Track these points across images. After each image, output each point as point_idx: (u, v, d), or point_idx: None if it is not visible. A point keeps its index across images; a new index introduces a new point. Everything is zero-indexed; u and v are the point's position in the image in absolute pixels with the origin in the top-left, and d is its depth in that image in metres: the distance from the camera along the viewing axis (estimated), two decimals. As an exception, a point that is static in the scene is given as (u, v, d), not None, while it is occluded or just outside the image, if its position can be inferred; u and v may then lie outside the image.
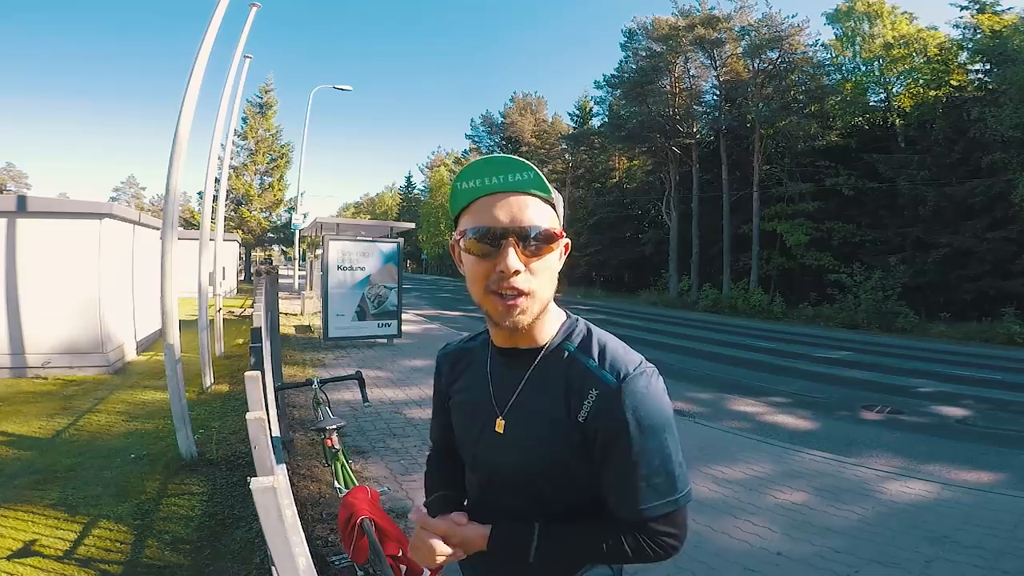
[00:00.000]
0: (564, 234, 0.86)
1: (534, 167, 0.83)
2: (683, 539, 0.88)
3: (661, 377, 0.88)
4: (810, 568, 2.83)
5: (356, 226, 11.85)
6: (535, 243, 0.82)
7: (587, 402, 0.84)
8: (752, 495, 3.77)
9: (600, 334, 0.92)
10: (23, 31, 79.05)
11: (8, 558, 2.67)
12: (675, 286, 26.58)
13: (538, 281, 0.84)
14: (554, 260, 0.86)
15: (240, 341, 9.42)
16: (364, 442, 4.63)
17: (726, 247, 24.46)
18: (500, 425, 0.92)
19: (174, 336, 4.26)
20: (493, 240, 0.82)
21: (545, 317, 0.89)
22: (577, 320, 0.95)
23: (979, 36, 18.70)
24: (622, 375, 0.84)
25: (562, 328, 0.93)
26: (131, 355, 7.95)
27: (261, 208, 31.16)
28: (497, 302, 0.83)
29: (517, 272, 0.81)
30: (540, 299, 0.85)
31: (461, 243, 0.86)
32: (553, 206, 0.86)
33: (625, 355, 0.88)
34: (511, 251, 0.81)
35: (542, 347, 0.91)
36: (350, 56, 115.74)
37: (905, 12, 21.12)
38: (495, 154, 0.83)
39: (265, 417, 1.26)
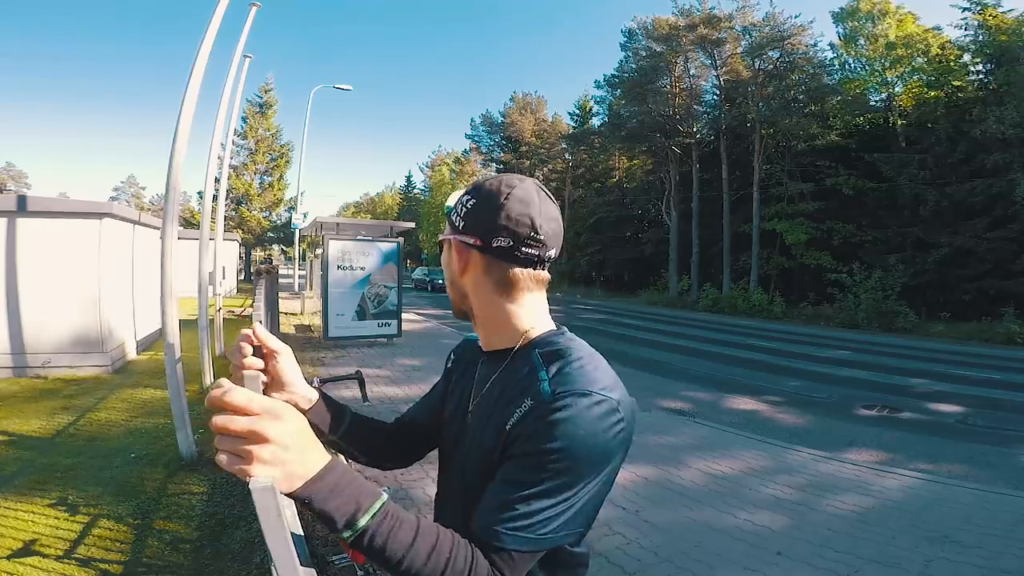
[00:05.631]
0: (452, 239, 0.90)
1: (451, 200, 0.93)
2: None
3: (620, 415, 0.74)
4: (810, 568, 2.84)
5: (356, 226, 11.86)
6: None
7: (519, 410, 0.76)
8: (752, 494, 3.78)
9: (579, 350, 0.82)
10: (23, 31, 79.05)
11: (8, 557, 2.67)
12: (675, 286, 26.58)
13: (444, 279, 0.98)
14: (451, 262, 0.92)
15: (240, 341, 9.41)
16: (364, 442, 4.63)
17: (726, 247, 24.45)
18: (469, 419, 0.92)
19: (174, 335, 4.26)
20: None
21: (496, 321, 0.89)
22: (562, 331, 0.88)
23: (981, 38, 18.68)
24: (558, 392, 0.73)
25: (541, 335, 0.86)
26: (131, 354, 7.95)
27: (261, 208, 31.21)
28: None
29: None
30: (452, 291, 0.95)
31: None
32: (453, 217, 0.91)
33: (582, 375, 0.76)
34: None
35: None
36: (350, 56, 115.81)
37: (909, 12, 21.09)
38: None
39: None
